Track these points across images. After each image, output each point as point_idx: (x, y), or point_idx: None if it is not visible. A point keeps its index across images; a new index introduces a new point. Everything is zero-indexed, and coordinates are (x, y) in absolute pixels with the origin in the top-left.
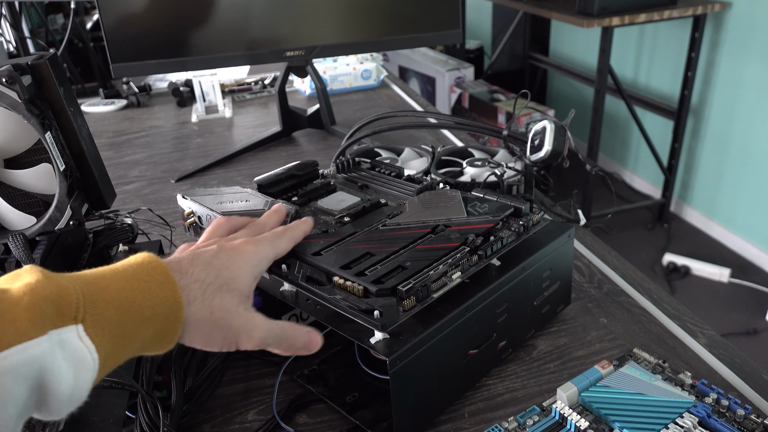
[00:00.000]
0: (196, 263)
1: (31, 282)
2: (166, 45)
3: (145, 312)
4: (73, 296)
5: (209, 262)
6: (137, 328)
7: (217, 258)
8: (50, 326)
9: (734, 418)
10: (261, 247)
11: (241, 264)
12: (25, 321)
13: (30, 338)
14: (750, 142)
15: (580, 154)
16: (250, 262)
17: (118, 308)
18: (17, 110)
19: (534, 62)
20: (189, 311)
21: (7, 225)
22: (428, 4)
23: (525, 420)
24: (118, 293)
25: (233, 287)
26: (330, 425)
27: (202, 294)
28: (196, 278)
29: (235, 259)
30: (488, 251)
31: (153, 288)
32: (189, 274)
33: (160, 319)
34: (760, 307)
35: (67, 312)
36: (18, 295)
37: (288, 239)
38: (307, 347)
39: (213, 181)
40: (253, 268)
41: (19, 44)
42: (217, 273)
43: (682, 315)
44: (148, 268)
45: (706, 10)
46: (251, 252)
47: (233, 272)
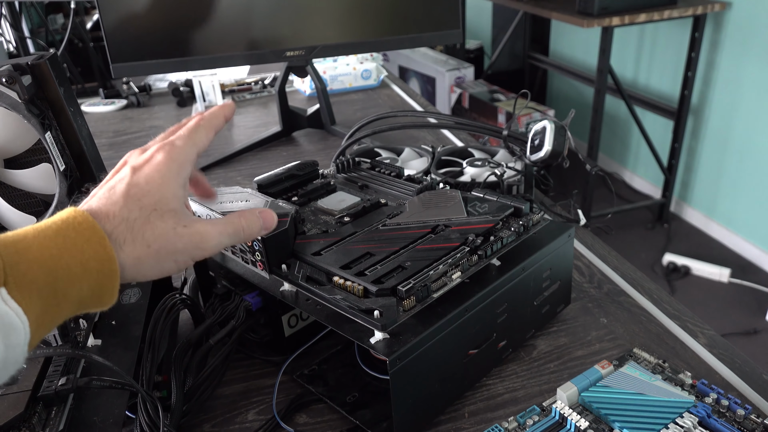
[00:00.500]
0: (114, 200)
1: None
2: (166, 45)
3: (74, 269)
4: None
5: (127, 193)
6: (68, 287)
7: (133, 185)
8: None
9: (734, 418)
10: (175, 150)
11: (161, 180)
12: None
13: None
14: (750, 142)
15: (580, 154)
16: (170, 171)
17: (43, 267)
18: (17, 110)
19: (534, 62)
20: (124, 254)
21: (7, 225)
22: (428, 4)
23: (525, 420)
24: (42, 252)
25: (162, 210)
26: (330, 425)
27: (131, 233)
28: (120, 218)
29: (153, 177)
30: (488, 251)
31: (80, 244)
32: (112, 216)
33: (93, 275)
34: (760, 307)
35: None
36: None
37: (205, 129)
38: (266, 227)
39: (213, 181)
40: (176, 176)
41: (19, 44)
42: (140, 203)
43: (682, 315)
44: (74, 224)
45: (706, 10)
46: (166, 160)
47: (155, 194)
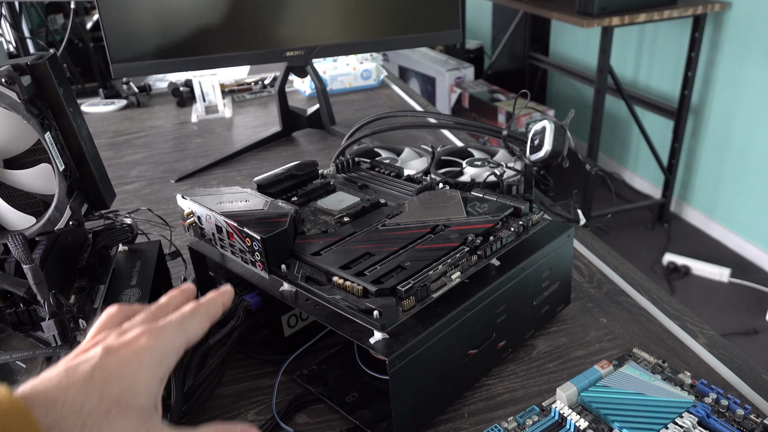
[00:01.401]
0: (71, 382)
1: None
2: (166, 45)
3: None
4: None
5: (90, 377)
6: None
7: (101, 368)
8: None
9: (734, 417)
10: (163, 336)
11: (137, 367)
12: None
13: None
14: (750, 141)
15: (580, 154)
16: (150, 360)
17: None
18: (17, 110)
19: (534, 62)
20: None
21: (6, 225)
22: (428, 4)
23: (524, 420)
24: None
25: (127, 406)
26: (329, 425)
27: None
28: (71, 407)
29: (128, 363)
30: (488, 251)
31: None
32: (60, 404)
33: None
34: (760, 307)
35: None
36: None
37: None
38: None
39: (213, 181)
40: (156, 366)
41: (19, 44)
42: (102, 391)
43: (681, 315)
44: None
45: (706, 10)
46: (150, 346)
47: (125, 383)
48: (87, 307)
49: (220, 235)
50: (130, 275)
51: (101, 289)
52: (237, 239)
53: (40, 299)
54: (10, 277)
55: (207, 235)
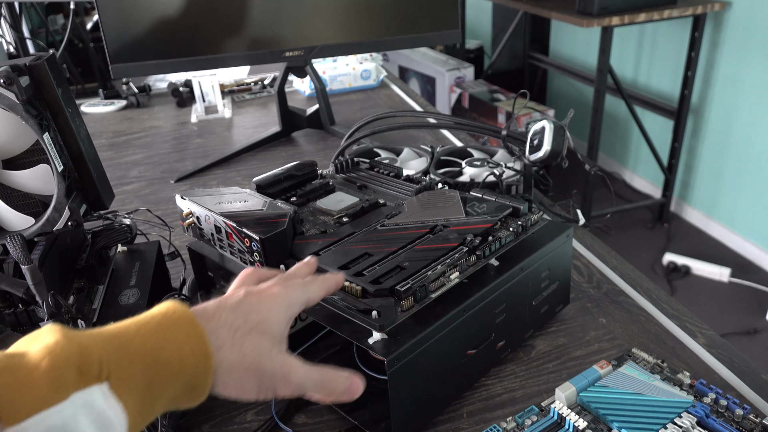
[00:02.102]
0: (222, 308)
1: (50, 344)
2: (166, 45)
3: (173, 365)
4: (94, 355)
5: (236, 307)
6: (165, 383)
7: (245, 302)
8: (72, 389)
9: (733, 417)
10: (291, 289)
11: (271, 305)
12: (45, 386)
13: (51, 405)
14: (750, 141)
15: (579, 154)
16: (281, 303)
17: (144, 362)
18: (15, 111)
19: (534, 62)
20: (218, 358)
21: (5, 226)
22: (427, 4)
23: (523, 420)
24: (143, 346)
25: (264, 330)
26: (328, 425)
27: (231, 338)
28: (224, 322)
29: (264, 302)
30: (486, 251)
31: (179, 339)
32: (216, 319)
33: (189, 371)
34: (760, 306)
35: (89, 372)
36: (36, 360)
37: (319, 286)
38: (349, 393)
39: (212, 182)
40: (285, 309)
41: (18, 45)
42: (246, 317)
43: (681, 315)
44: (173, 318)
45: (705, 10)
46: (281, 294)
47: (263, 314)
48: (86, 308)
49: (219, 235)
50: (129, 276)
51: (100, 289)
52: (236, 239)
53: (39, 300)
54: (8, 277)
55: (206, 235)
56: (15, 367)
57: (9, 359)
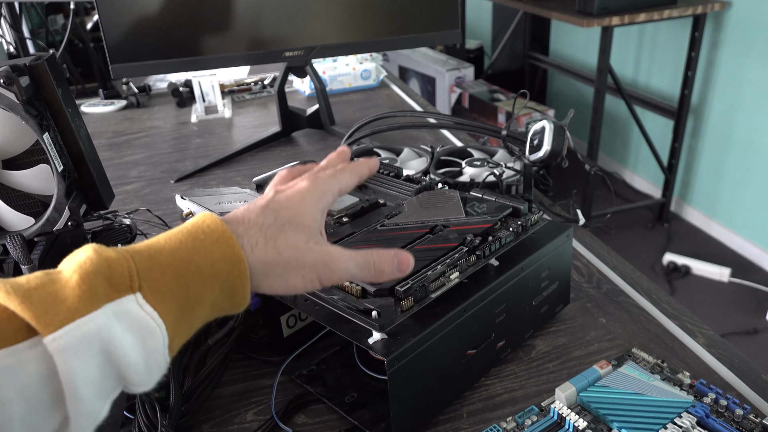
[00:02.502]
0: (251, 209)
1: (81, 259)
2: (166, 45)
3: (205, 270)
4: (124, 266)
5: (265, 206)
6: (200, 288)
7: (273, 201)
8: (104, 300)
9: (732, 417)
10: (320, 181)
11: (300, 199)
12: (75, 298)
13: (82, 315)
14: (750, 141)
15: (579, 154)
16: (311, 196)
17: (175, 270)
18: (15, 111)
19: (534, 62)
20: (254, 257)
21: (5, 226)
22: (428, 4)
23: (523, 420)
24: (173, 255)
25: (297, 223)
26: (328, 425)
27: (263, 236)
28: (254, 222)
29: (293, 197)
30: (486, 251)
31: (209, 245)
32: (246, 221)
33: (223, 276)
34: (760, 306)
35: (120, 283)
36: (68, 274)
37: (351, 173)
38: (400, 269)
39: (212, 182)
40: (317, 201)
41: (18, 45)
42: (276, 214)
43: (680, 315)
44: (203, 226)
45: (705, 10)
46: (309, 187)
47: (293, 209)
48: None
49: None
50: None
51: None
52: None
53: None
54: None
55: None
56: (48, 282)
57: (45, 276)
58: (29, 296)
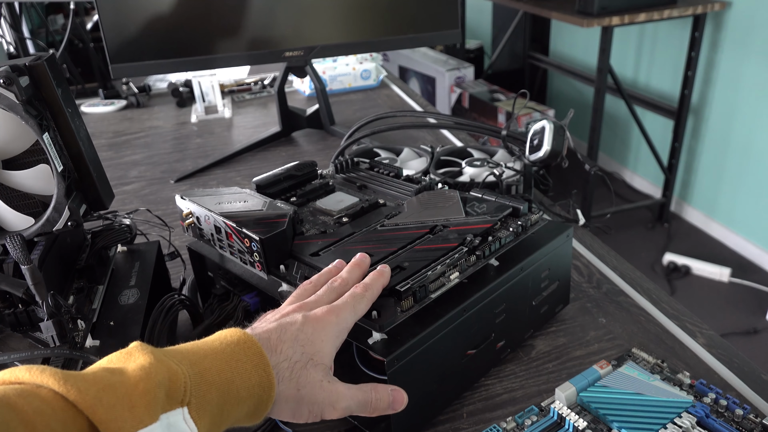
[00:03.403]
0: (283, 339)
1: (145, 365)
2: (166, 45)
3: (241, 393)
4: (181, 380)
5: (295, 337)
6: (233, 408)
7: (302, 332)
8: (161, 410)
9: (732, 417)
10: (342, 315)
11: (324, 337)
12: (142, 407)
13: (146, 425)
14: (750, 141)
15: (579, 154)
16: (333, 333)
17: (219, 390)
18: (15, 111)
19: (534, 62)
20: (278, 390)
21: (5, 226)
22: (427, 4)
23: (523, 420)
24: (219, 375)
25: (317, 362)
26: (328, 425)
27: (290, 373)
28: (285, 356)
29: (319, 332)
30: (486, 251)
31: (249, 369)
32: (278, 352)
33: (254, 399)
34: (760, 306)
35: (175, 396)
36: (135, 380)
37: (368, 301)
38: (393, 407)
39: (212, 182)
40: (335, 338)
41: (18, 45)
42: (303, 349)
43: (680, 315)
44: (244, 348)
45: (706, 10)
46: (333, 323)
47: (317, 346)
48: (86, 308)
49: (219, 235)
50: (128, 276)
51: (100, 289)
52: (236, 240)
53: (39, 300)
54: (8, 277)
55: (206, 235)
56: (117, 384)
57: (111, 375)
58: (100, 399)
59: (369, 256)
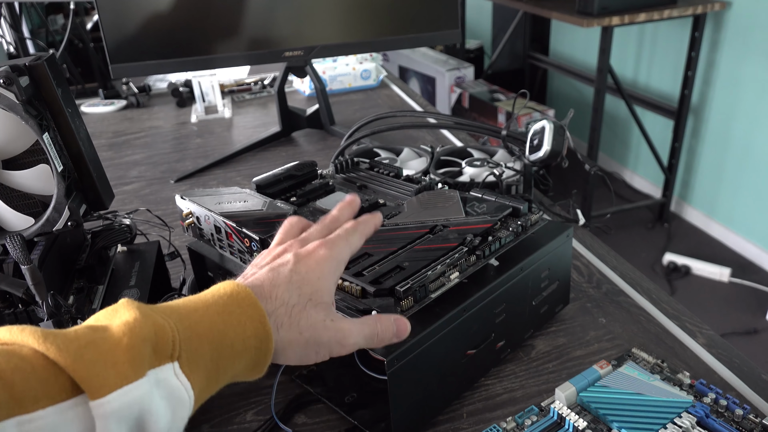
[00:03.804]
0: (277, 284)
1: (129, 320)
2: (166, 45)
3: (236, 346)
4: (169, 334)
5: (289, 279)
6: (229, 362)
7: (296, 273)
8: (148, 366)
9: (732, 417)
10: (336, 249)
11: (320, 273)
12: (125, 363)
13: (130, 381)
14: (750, 141)
15: (579, 154)
16: (329, 269)
17: (211, 343)
18: (15, 111)
19: (534, 62)
20: (278, 336)
21: (5, 226)
22: (427, 4)
23: (523, 420)
24: (211, 327)
25: (317, 301)
26: (328, 425)
27: (288, 318)
28: (281, 301)
29: (314, 269)
30: (486, 251)
31: (243, 321)
32: (273, 298)
33: (251, 352)
34: (760, 306)
35: (163, 351)
36: (118, 336)
37: (360, 234)
38: (398, 335)
39: (212, 182)
40: (332, 274)
41: (18, 45)
42: (300, 291)
43: (680, 315)
44: (237, 299)
45: (705, 10)
46: (327, 257)
47: (314, 285)
48: (85, 308)
49: (219, 235)
50: (128, 276)
51: (100, 289)
52: (236, 240)
53: (39, 300)
54: (8, 277)
55: (206, 235)
56: (99, 341)
57: (93, 333)
58: (81, 355)
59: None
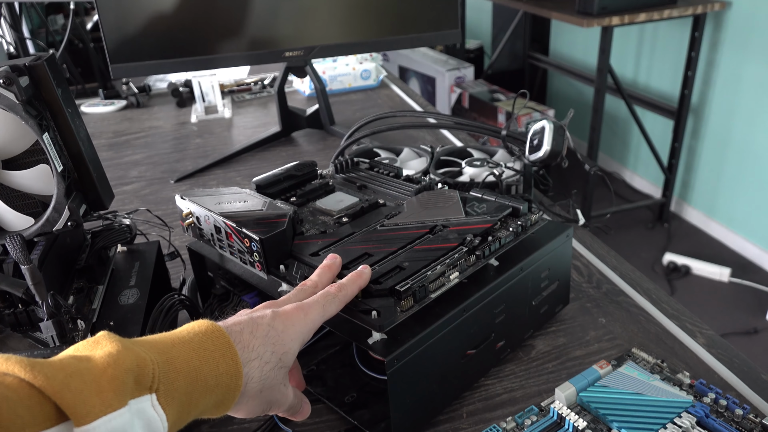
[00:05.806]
0: (256, 335)
1: (113, 352)
2: (166, 45)
3: (209, 381)
4: (149, 367)
5: (266, 334)
6: (201, 396)
7: (273, 328)
8: (130, 396)
9: (732, 417)
10: (311, 314)
11: (292, 334)
12: (110, 392)
13: (114, 409)
14: (750, 141)
15: (579, 154)
16: (301, 331)
17: (187, 378)
18: (15, 111)
19: (534, 62)
20: (245, 389)
21: (4, 226)
22: (427, 4)
23: (523, 420)
24: (187, 363)
25: (283, 364)
26: (328, 425)
27: (260, 373)
28: (257, 354)
29: (288, 329)
30: (486, 251)
31: (217, 358)
32: (251, 349)
33: (222, 389)
34: (760, 306)
35: (144, 382)
36: (102, 366)
37: (339, 301)
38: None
39: (212, 182)
40: (302, 337)
41: (18, 45)
42: (273, 348)
43: (680, 315)
44: (212, 338)
45: (705, 10)
46: (302, 320)
47: (286, 345)
48: (85, 308)
49: (219, 235)
50: (128, 276)
51: (100, 289)
52: (236, 240)
53: (39, 300)
54: (8, 277)
55: (206, 235)
56: (84, 371)
57: (78, 362)
58: (68, 384)
59: (340, 258)
